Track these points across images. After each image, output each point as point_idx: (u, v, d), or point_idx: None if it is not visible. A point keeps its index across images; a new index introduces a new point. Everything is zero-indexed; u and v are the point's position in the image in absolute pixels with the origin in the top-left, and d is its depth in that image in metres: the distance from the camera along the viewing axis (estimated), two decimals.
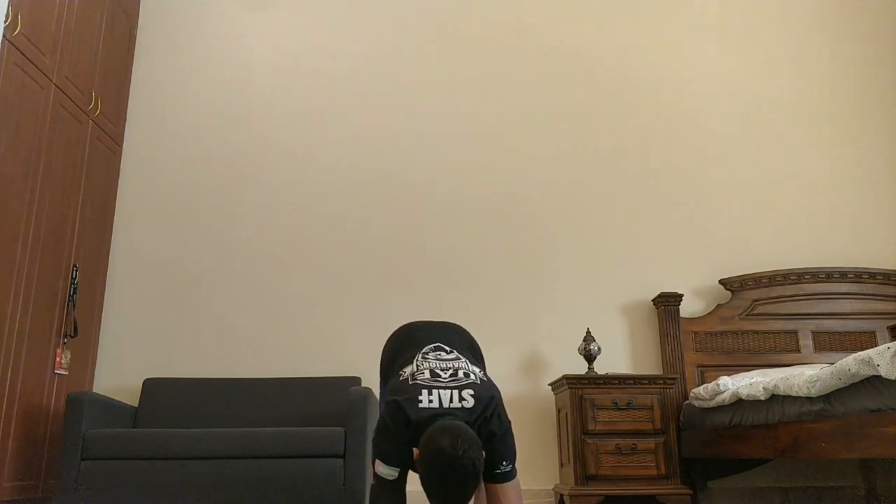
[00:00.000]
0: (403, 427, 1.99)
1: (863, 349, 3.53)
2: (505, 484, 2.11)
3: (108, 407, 3.25)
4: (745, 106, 4.38)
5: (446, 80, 4.34)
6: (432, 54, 4.38)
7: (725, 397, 3.04)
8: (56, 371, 3.36)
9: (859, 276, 3.92)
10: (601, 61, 4.41)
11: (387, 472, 2.03)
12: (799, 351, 3.81)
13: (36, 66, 3.26)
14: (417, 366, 2.15)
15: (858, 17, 4.58)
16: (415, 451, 1.94)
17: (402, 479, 2.06)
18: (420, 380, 2.06)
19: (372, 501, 2.10)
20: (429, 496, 1.88)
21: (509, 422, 2.14)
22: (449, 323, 2.46)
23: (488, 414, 2.03)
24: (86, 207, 3.69)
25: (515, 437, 2.18)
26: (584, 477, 3.28)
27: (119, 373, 3.81)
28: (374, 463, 2.08)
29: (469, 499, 1.88)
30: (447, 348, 2.25)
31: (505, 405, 2.24)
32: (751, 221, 4.17)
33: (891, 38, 4.55)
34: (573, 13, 4.49)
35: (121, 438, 2.98)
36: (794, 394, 2.46)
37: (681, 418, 3.53)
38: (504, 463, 2.10)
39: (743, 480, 3.74)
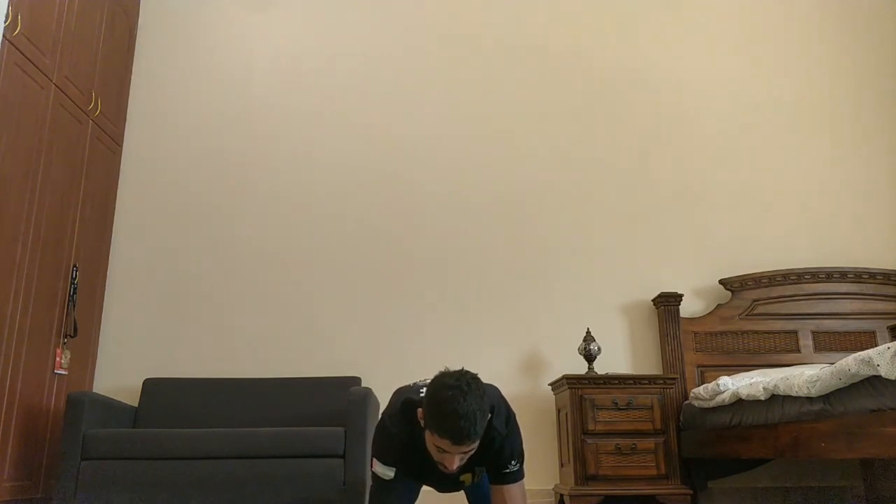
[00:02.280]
0: (407, 418, 2.01)
1: (863, 349, 3.53)
2: (512, 485, 2.10)
3: (108, 407, 3.25)
4: (745, 106, 4.38)
5: (446, 80, 4.34)
6: (432, 54, 4.38)
7: (725, 397, 3.04)
8: (56, 371, 3.36)
9: (859, 276, 3.92)
10: (602, 62, 4.41)
11: (382, 471, 2.04)
12: (799, 351, 3.81)
13: (36, 66, 3.26)
14: (421, 379, 2.23)
15: (859, 17, 4.58)
16: (419, 410, 1.96)
17: (399, 480, 2.06)
18: (423, 382, 2.11)
19: (370, 501, 2.11)
20: (437, 430, 1.84)
21: (516, 421, 2.14)
22: None
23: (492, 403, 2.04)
24: (86, 207, 3.69)
25: None
26: (584, 477, 3.28)
27: (119, 373, 3.80)
28: (371, 463, 2.09)
29: (484, 420, 1.86)
30: None
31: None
32: (751, 221, 4.17)
33: (891, 39, 4.55)
34: (574, 14, 4.49)
35: (121, 438, 2.98)
36: (794, 394, 2.46)
37: (681, 418, 3.52)
38: (512, 462, 2.09)
39: (743, 480, 3.74)
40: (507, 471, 2.09)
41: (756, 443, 2.79)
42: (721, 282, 3.95)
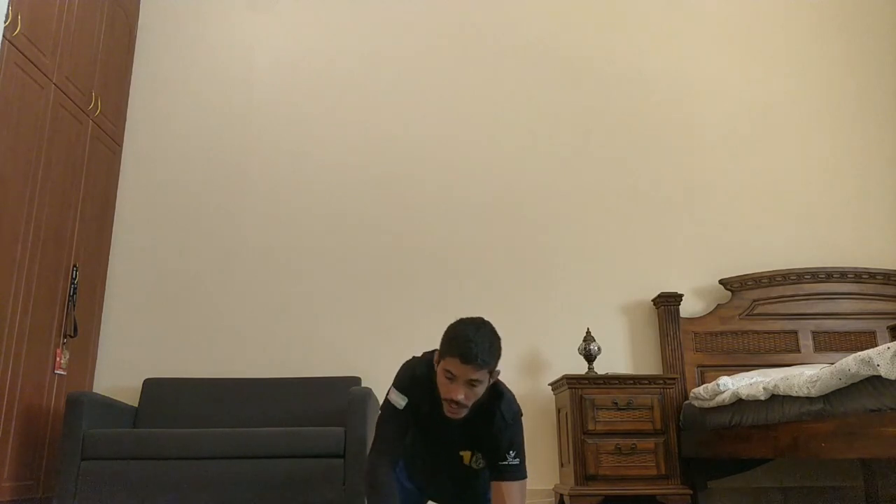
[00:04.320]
0: (430, 365, 2.10)
1: (863, 349, 3.53)
2: (511, 483, 2.08)
3: (108, 407, 3.25)
4: (745, 106, 4.38)
5: (447, 80, 4.34)
6: (432, 54, 4.38)
7: (725, 397, 3.04)
8: (56, 371, 3.36)
9: (859, 276, 3.92)
10: (602, 63, 4.41)
11: (396, 398, 2.12)
12: (799, 351, 3.81)
13: (36, 66, 3.26)
14: None
15: (859, 17, 4.58)
16: (436, 353, 2.08)
17: (406, 415, 2.12)
18: None
19: (376, 428, 2.17)
20: (448, 351, 1.97)
21: (521, 421, 2.18)
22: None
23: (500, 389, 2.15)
24: (86, 207, 3.69)
25: None
26: (584, 477, 3.28)
27: (119, 373, 3.80)
28: (388, 392, 2.17)
29: (494, 356, 1.99)
30: None
31: None
32: (751, 221, 4.17)
33: (891, 39, 4.55)
34: (574, 16, 4.49)
35: (121, 438, 2.98)
36: (794, 394, 2.46)
37: (681, 418, 3.53)
38: (511, 453, 2.07)
39: (743, 480, 3.74)
40: (506, 463, 2.08)
41: (756, 443, 2.79)
42: (721, 282, 3.95)
